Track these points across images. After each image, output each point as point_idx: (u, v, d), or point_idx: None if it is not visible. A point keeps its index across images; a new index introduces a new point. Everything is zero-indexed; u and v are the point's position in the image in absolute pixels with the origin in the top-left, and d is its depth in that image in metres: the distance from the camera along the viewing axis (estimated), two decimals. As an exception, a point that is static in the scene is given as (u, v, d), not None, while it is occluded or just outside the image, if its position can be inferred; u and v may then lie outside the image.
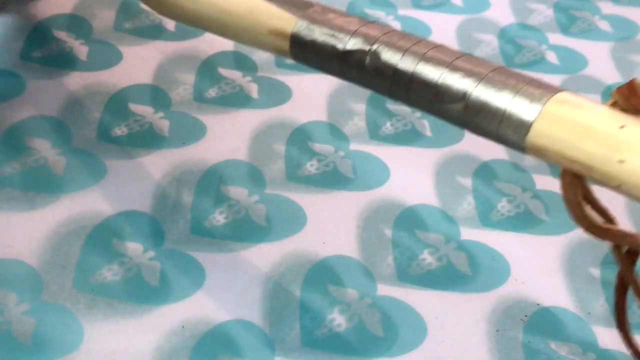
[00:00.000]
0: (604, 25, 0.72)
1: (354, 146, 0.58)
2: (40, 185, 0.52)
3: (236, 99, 0.61)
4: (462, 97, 0.34)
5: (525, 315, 0.47)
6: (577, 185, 0.33)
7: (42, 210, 0.50)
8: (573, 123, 0.31)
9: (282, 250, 0.50)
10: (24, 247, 0.48)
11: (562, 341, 0.46)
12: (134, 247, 0.49)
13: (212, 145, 0.56)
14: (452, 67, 0.35)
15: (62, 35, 0.65)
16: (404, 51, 0.36)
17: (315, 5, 0.40)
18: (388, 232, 0.51)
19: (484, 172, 0.57)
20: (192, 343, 0.44)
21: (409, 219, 0.53)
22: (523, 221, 0.53)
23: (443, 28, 0.70)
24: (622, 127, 0.30)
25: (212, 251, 0.49)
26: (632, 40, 0.71)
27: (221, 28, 0.43)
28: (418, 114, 0.61)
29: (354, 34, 0.37)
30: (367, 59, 0.37)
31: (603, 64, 0.67)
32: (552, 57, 0.68)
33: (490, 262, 0.50)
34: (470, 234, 0.52)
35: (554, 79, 0.65)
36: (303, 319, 0.46)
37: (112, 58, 0.63)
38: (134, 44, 0.65)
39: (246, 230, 0.51)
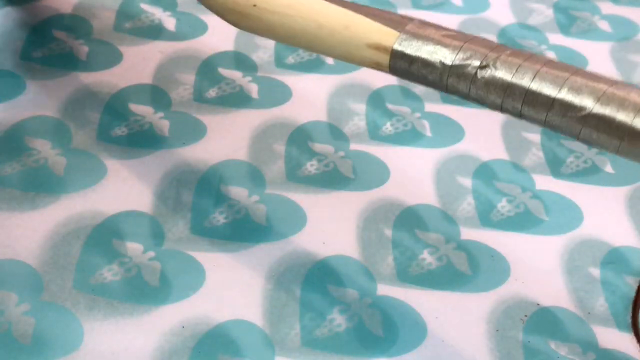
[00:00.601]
0: (604, 26, 0.72)
1: (354, 146, 0.58)
2: (40, 185, 0.52)
3: (236, 99, 0.61)
4: (581, 113, 0.34)
5: (525, 315, 0.47)
6: None
7: (42, 210, 0.50)
8: None
9: (282, 250, 0.50)
10: (24, 247, 0.48)
11: (562, 341, 0.46)
12: (134, 247, 0.49)
13: (212, 145, 0.56)
14: (569, 83, 0.35)
15: (62, 35, 0.65)
16: (517, 66, 0.36)
17: (414, 19, 0.40)
18: (388, 232, 0.51)
19: (484, 172, 0.57)
20: (192, 343, 0.44)
21: (409, 219, 0.53)
22: (523, 221, 0.53)
23: (443, 28, 0.70)
24: None
25: (212, 251, 0.49)
26: (632, 40, 0.71)
27: (312, 43, 0.43)
28: (418, 114, 0.61)
29: (461, 49, 0.37)
30: (478, 74, 0.37)
31: (603, 64, 0.67)
32: (552, 57, 0.68)
33: (490, 262, 0.50)
34: (470, 234, 0.52)
35: (553, 79, 0.65)
36: (303, 319, 0.46)
37: (112, 58, 0.63)
38: (134, 44, 0.65)
39: (246, 230, 0.51)
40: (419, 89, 0.63)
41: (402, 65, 0.39)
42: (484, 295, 0.48)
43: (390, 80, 0.64)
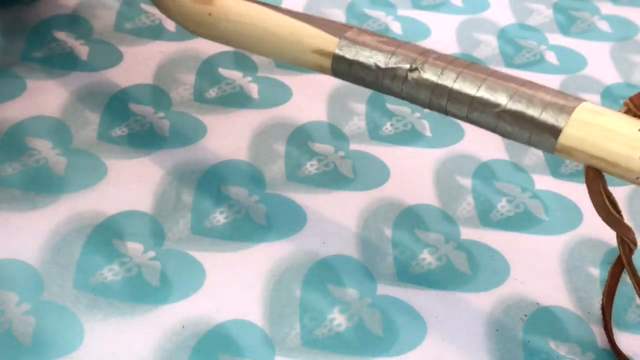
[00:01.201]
0: (603, 26, 0.72)
1: (354, 146, 0.58)
2: (41, 185, 0.52)
3: (236, 99, 0.61)
4: (497, 109, 0.39)
5: (525, 315, 0.47)
6: (599, 180, 0.39)
7: (43, 210, 0.50)
8: (599, 128, 0.37)
9: (282, 250, 0.50)
10: (25, 247, 0.48)
11: (562, 341, 0.46)
12: (134, 247, 0.49)
13: (212, 145, 0.56)
14: (487, 83, 0.40)
15: (62, 35, 0.65)
16: (442, 69, 0.41)
17: (352, 27, 0.45)
18: (388, 232, 0.52)
19: (484, 172, 0.57)
20: (192, 343, 0.44)
21: (408, 219, 0.53)
22: (522, 221, 0.53)
23: (443, 28, 0.70)
24: None
25: (212, 251, 0.49)
26: (631, 41, 0.71)
27: (262, 48, 0.47)
28: (418, 114, 0.61)
29: (393, 54, 0.42)
30: (409, 76, 0.42)
31: (602, 64, 0.68)
32: (551, 57, 0.68)
33: (489, 262, 0.50)
34: (469, 233, 0.52)
35: (553, 79, 0.65)
36: (303, 319, 0.46)
37: (112, 58, 0.63)
38: (134, 44, 0.65)
39: (246, 230, 0.51)
40: (418, 89, 0.63)
41: (342, 68, 0.44)
42: (484, 295, 0.48)
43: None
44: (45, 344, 0.43)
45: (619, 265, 0.45)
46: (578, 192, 0.56)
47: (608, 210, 0.40)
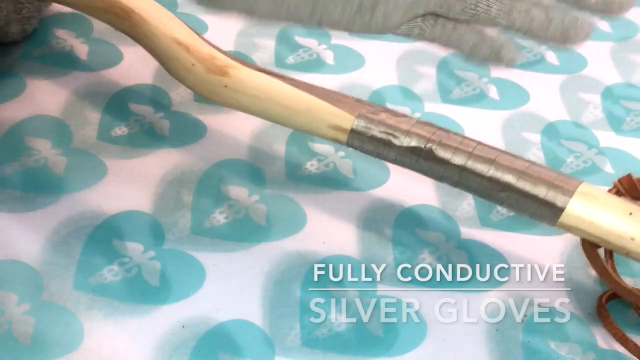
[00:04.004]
0: (604, 26, 0.72)
1: (354, 146, 0.58)
2: (41, 185, 0.52)
3: (236, 99, 0.61)
4: (506, 189, 0.44)
5: (525, 315, 0.47)
6: (594, 248, 0.44)
7: (43, 210, 0.50)
8: (595, 210, 0.42)
9: (282, 250, 0.50)
10: (24, 247, 0.48)
11: (562, 341, 0.46)
12: (134, 247, 0.49)
13: (212, 145, 0.56)
14: (496, 164, 0.44)
15: (62, 34, 0.65)
16: (454, 149, 0.45)
17: (367, 104, 0.47)
18: (388, 232, 0.52)
19: (484, 172, 0.57)
20: (192, 343, 0.44)
21: (409, 219, 0.53)
22: (523, 221, 0.53)
23: (443, 28, 0.70)
24: (630, 213, 0.42)
25: (212, 251, 0.49)
26: (631, 40, 0.71)
27: (279, 120, 0.49)
28: (418, 114, 0.61)
29: (407, 133, 0.45)
30: (422, 154, 0.45)
31: (602, 64, 0.67)
32: (551, 57, 0.68)
33: (489, 262, 0.50)
34: (470, 234, 0.52)
35: (553, 79, 0.65)
36: (303, 319, 0.46)
37: (112, 58, 0.63)
38: (135, 44, 0.65)
39: (246, 230, 0.51)
40: (419, 88, 0.63)
41: (358, 143, 0.47)
42: (484, 295, 0.48)
43: (390, 80, 0.64)
44: (45, 344, 0.43)
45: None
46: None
47: (610, 275, 0.44)
